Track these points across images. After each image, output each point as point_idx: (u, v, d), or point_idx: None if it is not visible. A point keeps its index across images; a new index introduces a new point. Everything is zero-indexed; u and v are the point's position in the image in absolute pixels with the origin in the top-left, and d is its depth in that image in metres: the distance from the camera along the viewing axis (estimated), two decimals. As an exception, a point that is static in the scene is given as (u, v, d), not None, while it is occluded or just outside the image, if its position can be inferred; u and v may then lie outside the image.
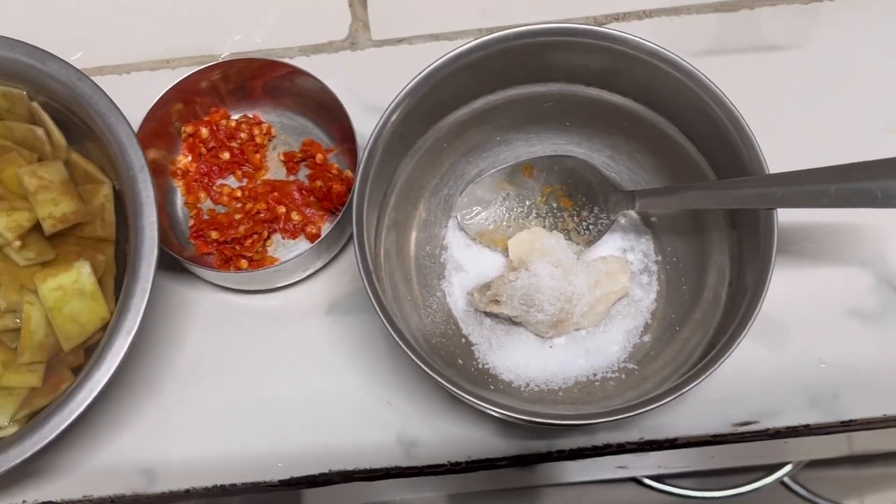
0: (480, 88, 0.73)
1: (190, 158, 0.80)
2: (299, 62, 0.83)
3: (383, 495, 1.13)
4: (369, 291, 0.62)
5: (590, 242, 0.75)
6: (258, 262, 0.76)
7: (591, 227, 0.75)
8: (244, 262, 0.76)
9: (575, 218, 0.76)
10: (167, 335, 0.76)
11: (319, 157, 0.78)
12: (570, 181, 0.75)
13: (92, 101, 0.70)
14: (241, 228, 0.76)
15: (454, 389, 0.60)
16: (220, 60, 0.77)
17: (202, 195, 0.79)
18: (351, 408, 0.74)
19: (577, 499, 1.44)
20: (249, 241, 0.76)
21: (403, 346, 0.62)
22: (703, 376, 0.60)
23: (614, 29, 0.67)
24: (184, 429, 0.74)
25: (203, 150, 0.80)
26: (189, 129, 0.80)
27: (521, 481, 1.12)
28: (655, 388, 0.68)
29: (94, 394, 0.63)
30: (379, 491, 1.11)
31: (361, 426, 0.73)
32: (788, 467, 1.23)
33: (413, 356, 0.61)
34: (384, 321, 0.62)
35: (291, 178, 0.80)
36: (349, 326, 0.76)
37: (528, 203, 0.77)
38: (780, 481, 1.27)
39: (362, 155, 0.65)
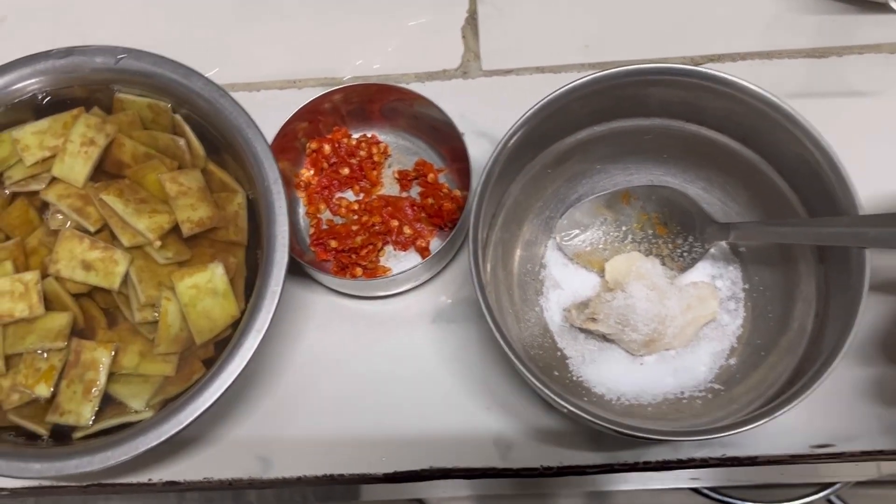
0: (587, 120, 0.74)
1: (312, 172, 0.82)
2: (414, 88, 0.84)
3: (431, 492, 1.14)
4: (483, 303, 0.64)
5: (683, 269, 0.76)
6: (372, 270, 0.78)
7: (685, 254, 0.76)
8: (359, 270, 0.78)
9: (669, 245, 0.77)
10: (286, 333, 0.78)
11: (431, 176, 0.80)
12: (665, 210, 0.76)
13: (231, 117, 0.72)
14: (358, 239, 0.78)
15: (559, 400, 0.61)
16: (344, 85, 0.79)
17: (322, 206, 0.82)
18: (451, 410, 0.75)
19: (636, 500, 1.44)
20: (365, 251, 0.78)
21: (511, 355, 0.63)
22: (794, 403, 0.61)
23: (717, 70, 0.68)
24: (298, 420, 0.76)
25: (325, 165, 0.82)
26: (314, 145, 0.82)
27: (573, 484, 1.12)
28: (742, 409, 0.68)
29: (227, 385, 0.65)
30: (423, 489, 1.12)
31: (460, 428, 0.74)
32: (837, 486, 1.22)
33: (519, 364, 0.62)
34: (495, 332, 0.63)
35: (404, 194, 0.82)
36: (452, 334, 0.77)
37: (624, 228, 0.78)
38: (827, 499, 1.26)
39: (480, 176, 0.67)
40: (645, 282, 0.72)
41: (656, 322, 0.72)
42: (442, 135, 0.79)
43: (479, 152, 0.77)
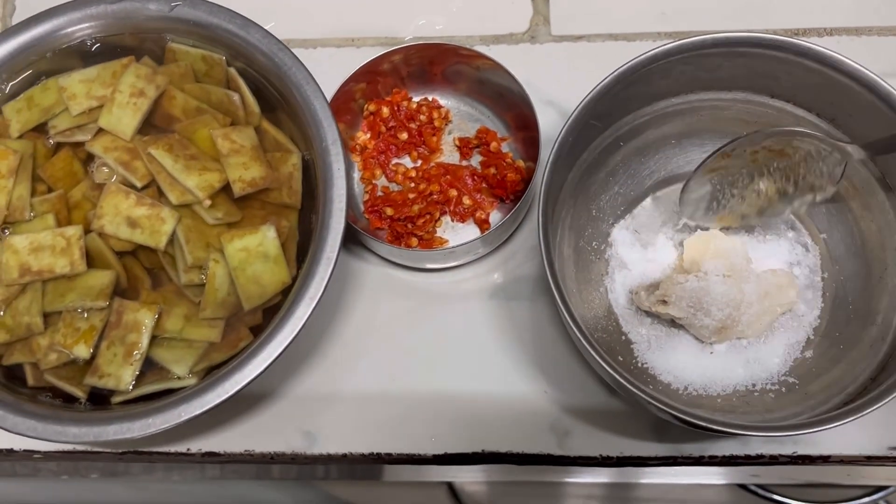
0: (664, 91, 0.69)
1: (369, 136, 0.78)
2: (479, 51, 0.80)
3: (457, 476, 1.11)
4: (552, 280, 0.59)
5: (836, 182, 0.66)
6: (427, 241, 0.74)
7: (823, 169, 0.66)
8: (414, 241, 0.73)
9: (802, 165, 0.67)
10: (336, 303, 0.74)
11: (494, 144, 0.76)
12: (774, 137, 0.66)
13: (290, 72, 0.68)
14: (415, 208, 0.74)
15: (632, 388, 0.57)
16: (405, 45, 0.74)
17: (378, 172, 0.77)
18: (506, 392, 0.71)
19: (668, 496, 1.40)
20: (422, 220, 0.73)
21: (581, 337, 0.59)
22: (881, 403, 0.57)
23: (816, 44, 0.63)
24: (344, 395, 0.72)
25: (383, 128, 0.77)
26: (372, 107, 0.77)
27: (611, 476, 1.08)
28: (819, 405, 0.64)
29: (276, 354, 0.61)
30: (449, 472, 1.08)
31: (516, 411, 0.70)
32: (891, 489, 1.17)
33: (589, 347, 0.58)
34: (564, 311, 0.59)
35: (464, 163, 0.77)
36: (511, 312, 0.73)
37: (743, 171, 0.69)
38: (878, 502, 1.21)
39: (553, 146, 0.62)
40: (723, 263, 0.67)
41: (731, 308, 0.67)
42: (508, 101, 0.75)
43: (546, 121, 0.72)
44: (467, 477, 1.14)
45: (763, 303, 0.68)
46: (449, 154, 0.78)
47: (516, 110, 0.74)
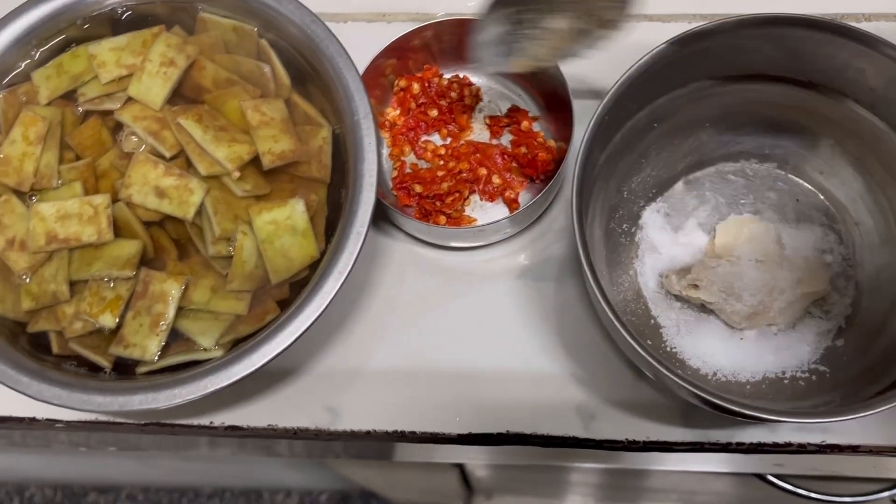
0: (701, 72, 0.68)
1: (399, 112, 0.77)
2: (511, 29, 0.79)
3: (468, 457, 1.10)
4: (584, 262, 0.59)
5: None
6: (456, 219, 0.73)
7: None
8: (443, 219, 0.73)
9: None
10: (362, 280, 0.73)
11: (525, 124, 0.75)
12: None
13: (323, 45, 0.67)
14: (444, 185, 0.73)
15: (665, 371, 0.56)
16: (437, 20, 0.73)
17: (407, 149, 0.76)
18: (532, 373, 0.70)
19: (681, 485, 1.40)
20: (451, 198, 0.72)
21: (614, 318, 0.58)
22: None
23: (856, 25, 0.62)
24: (368, 371, 0.71)
25: (413, 105, 0.76)
26: (402, 83, 0.76)
27: (628, 462, 1.08)
28: (851, 394, 0.63)
29: (304, 328, 0.60)
30: (463, 453, 1.07)
31: (542, 393, 0.70)
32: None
33: (621, 329, 0.57)
34: (597, 292, 0.58)
35: (494, 141, 0.76)
36: (538, 293, 0.72)
37: (540, 6, 0.64)
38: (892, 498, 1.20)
39: (588, 126, 0.62)
40: (756, 247, 0.66)
41: (763, 293, 0.66)
42: (540, 80, 0.74)
43: (579, 101, 0.71)
44: (481, 459, 1.14)
45: (795, 290, 0.67)
46: (479, 132, 0.77)
47: (549, 89, 0.73)
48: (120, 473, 1.83)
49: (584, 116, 0.62)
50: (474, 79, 0.78)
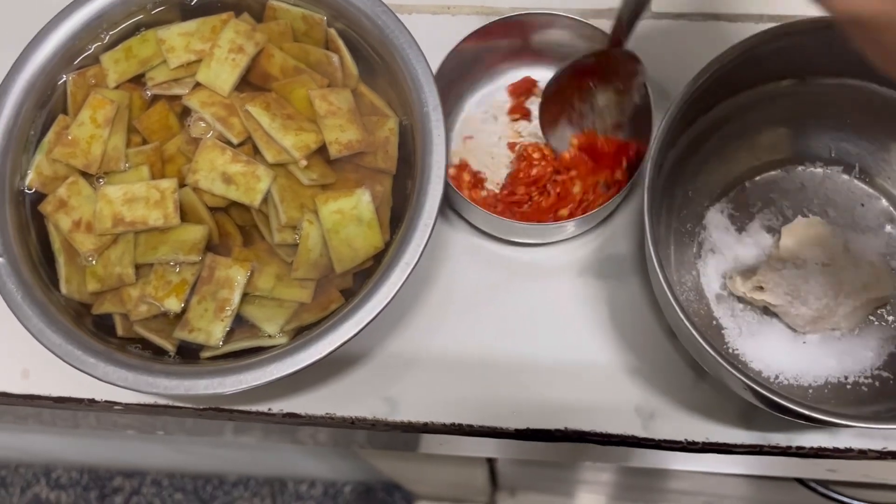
0: (771, 73, 0.68)
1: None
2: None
3: (498, 451, 1.10)
4: (654, 259, 0.59)
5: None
6: (527, 213, 0.73)
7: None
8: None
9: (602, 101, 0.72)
10: (423, 271, 0.73)
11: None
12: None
13: (392, 35, 0.67)
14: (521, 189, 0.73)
15: (729, 367, 0.56)
16: (508, 16, 0.73)
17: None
18: (592, 370, 0.70)
19: (710, 488, 1.39)
20: (526, 206, 0.73)
21: (681, 314, 0.58)
22: None
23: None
24: (429, 363, 0.71)
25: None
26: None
27: (673, 462, 1.07)
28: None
29: (371, 317, 0.60)
30: (486, 447, 1.07)
31: (601, 390, 0.69)
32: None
33: (688, 324, 0.57)
34: (666, 289, 0.58)
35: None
36: (600, 291, 0.72)
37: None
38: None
39: (660, 123, 0.61)
40: (822, 250, 0.66)
41: (829, 297, 0.66)
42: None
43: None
44: (512, 454, 1.13)
45: (861, 295, 0.67)
46: None
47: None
48: (146, 458, 1.84)
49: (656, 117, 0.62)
50: (536, 75, 0.77)
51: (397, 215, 0.66)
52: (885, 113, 0.68)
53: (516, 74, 0.78)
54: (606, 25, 0.76)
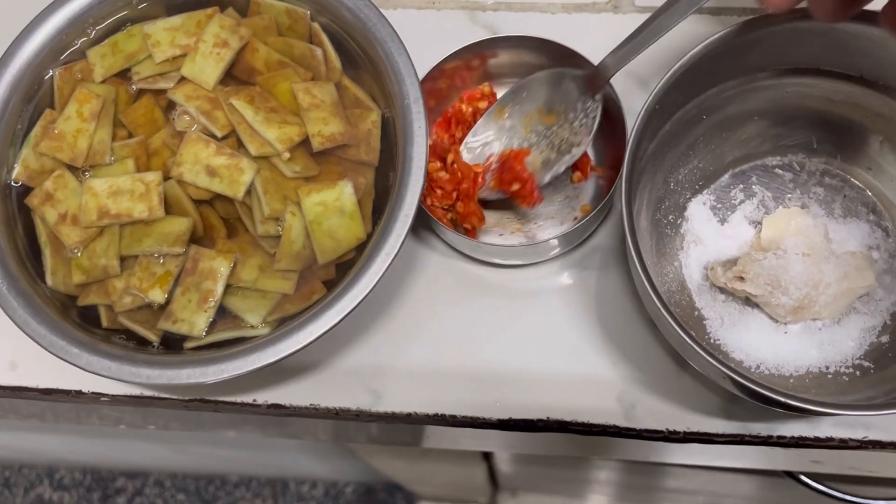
0: (752, 66, 0.68)
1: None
2: (560, 20, 0.79)
3: (495, 444, 1.10)
4: (633, 249, 0.59)
5: (590, 132, 0.69)
6: None
7: (584, 121, 0.70)
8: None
9: (566, 126, 0.70)
10: (408, 258, 0.74)
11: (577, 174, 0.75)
12: (540, 98, 0.71)
13: (374, 28, 0.68)
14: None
15: (708, 357, 0.57)
16: (502, 35, 0.74)
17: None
18: (574, 361, 0.70)
19: (707, 486, 1.39)
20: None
21: (660, 305, 0.58)
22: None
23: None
24: (411, 354, 0.72)
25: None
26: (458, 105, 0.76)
27: (660, 455, 1.07)
28: (896, 390, 0.63)
29: (352, 307, 0.61)
30: (488, 439, 1.07)
31: (582, 381, 0.70)
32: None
33: (667, 315, 0.58)
34: (644, 280, 0.59)
35: None
36: (582, 281, 0.73)
37: (516, 142, 0.73)
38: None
39: (636, 117, 0.62)
40: (803, 241, 0.66)
41: (809, 287, 0.66)
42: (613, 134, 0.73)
43: (626, 93, 0.72)
44: (510, 448, 1.14)
45: (841, 284, 0.67)
46: None
47: (617, 146, 0.72)
48: (148, 459, 1.85)
49: (633, 108, 0.63)
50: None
51: (380, 207, 0.67)
52: (864, 105, 0.68)
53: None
54: (585, 19, 0.76)
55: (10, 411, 1.07)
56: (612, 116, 0.71)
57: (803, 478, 1.06)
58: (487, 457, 1.35)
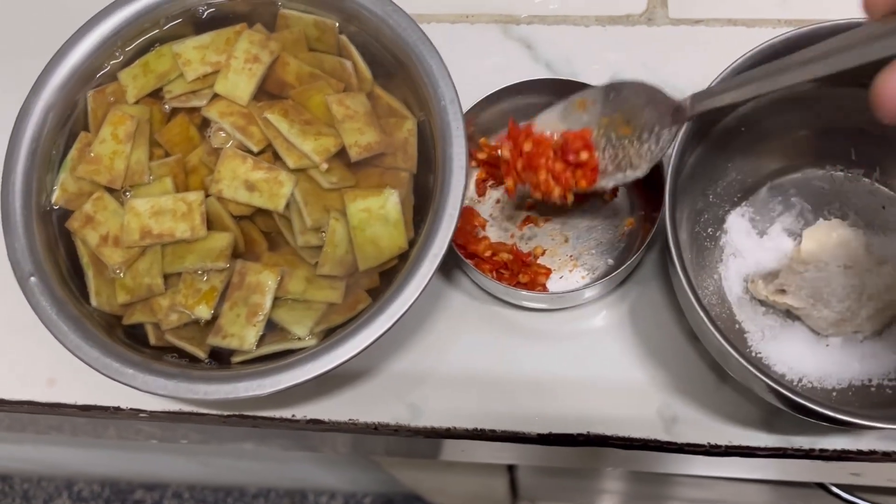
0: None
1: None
2: (594, 33, 0.80)
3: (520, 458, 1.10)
4: (677, 261, 0.59)
5: (652, 161, 0.66)
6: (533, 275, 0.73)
7: (652, 147, 0.66)
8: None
9: (636, 144, 0.67)
10: (444, 277, 0.74)
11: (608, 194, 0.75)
12: (626, 107, 0.68)
13: (405, 33, 0.68)
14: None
15: (753, 370, 0.57)
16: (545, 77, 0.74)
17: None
18: (614, 375, 0.71)
19: (734, 496, 1.38)
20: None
21: (704, 316, 0.58)
22: None
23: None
24: (450, 369, 0.72)
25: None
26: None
27: (696, 468, 1.07)
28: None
29: (403, 310, 0.61)
30: (507, 453, 1.07)
31: (622, 395, 0.70)
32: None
33: (711, 327, 0.58)
34: (689, 291, 0.59)
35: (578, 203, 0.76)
36: (623, 295, 0.73)
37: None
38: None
39: (679, 132, 0.62)
40: (844, 252, 0.67)
41: (851, 300, 0.66)
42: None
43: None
44: (532, 460, 1.13)
45: (883, 297, 0.67)
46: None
47: None
48: (167, 471, 1.86)
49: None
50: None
51: (419, 211, 0.67)
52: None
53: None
54: (619, 32, 0.76)
55: (30, 424, 1.07)
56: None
57: (835, 489, 1.06)
58: (511, 468, 1.35)
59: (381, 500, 1.90)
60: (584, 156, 0.68)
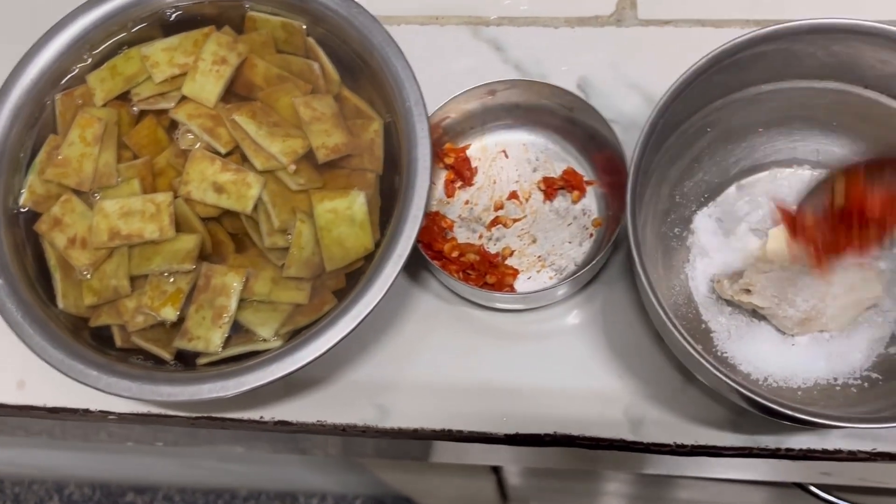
0: (755, 77, 0.69)
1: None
2: (563, 34, 0.80)
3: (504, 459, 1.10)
4: (638, 263, 0.59)
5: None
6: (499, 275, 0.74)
7: None
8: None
9: None
10: (411, 280, 0.75)
11: (576, 193, 0.75)
12: None
13: (371, 35, 0.69)
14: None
15: (715, 371, 0.57)
16: (500, 80, 0.74)
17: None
18: (581, 375, 0.71)
19: (718, 498, 1.39)
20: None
21: (665, 318, 0.59)
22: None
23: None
24: (418, 370, 0.72)
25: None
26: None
27: (668, 468, 1.07)
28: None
29: (367, 311, 0.61)
30: (494, 454, 1.08)
31: (589, 396, 0.70)
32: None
33: (673, 329, 0.58)
34: (650, 293, 0.59)
35: (547, 203, 0.76)
36: (590, 298, 0.73)
37: None
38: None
39: (641, 131, 0.62)
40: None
41: (816, 299, 0.67)
42: (598, 143, 0.74)
43: (630, 106, 0.73)
44: (518, 462, 1.14)
45: (849, 296, 0.67)
46: (535, 196, 0.77)
47: (606, 153, 0.73)
48: (157, 474, 1.86)
49: (637, 121, 0.63)
50: (527, 136, 0.78)
51: (385, 211, 0.68)
52: (869, 115, 0.69)
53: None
54: (588, 33, 0.76)
55: (19, 428, 1.08)
56: (615, 160, 0.72)
57: (813, 489, 1.06)
58: (496, 470, 1.35)
59: (371, 503, 1.90)
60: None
